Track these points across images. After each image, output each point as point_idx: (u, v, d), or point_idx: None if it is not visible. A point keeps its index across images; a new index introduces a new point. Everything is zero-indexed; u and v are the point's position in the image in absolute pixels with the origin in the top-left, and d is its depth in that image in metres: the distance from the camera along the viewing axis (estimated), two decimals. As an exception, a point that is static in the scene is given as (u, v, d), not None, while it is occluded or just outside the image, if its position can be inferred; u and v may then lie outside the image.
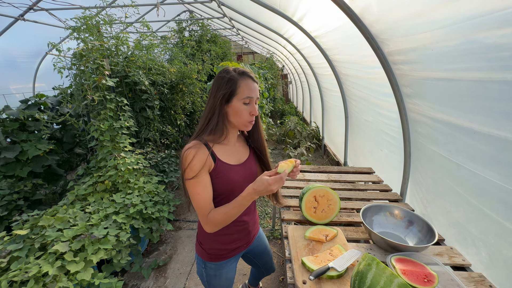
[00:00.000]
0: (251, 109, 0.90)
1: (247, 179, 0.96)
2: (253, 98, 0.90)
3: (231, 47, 7.72)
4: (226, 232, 1.01)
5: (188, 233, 2.65)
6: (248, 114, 0.90)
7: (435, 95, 1.33)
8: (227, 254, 1.05)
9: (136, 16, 4.25)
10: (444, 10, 1.07)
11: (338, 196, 1.42)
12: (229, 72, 0.91)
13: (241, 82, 0.89)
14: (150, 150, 3.14)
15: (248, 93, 0.89)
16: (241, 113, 0.90)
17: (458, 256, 1.17)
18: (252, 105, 0.91)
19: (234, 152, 0.99)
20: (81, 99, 2.29)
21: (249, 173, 1.00)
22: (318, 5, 2.15)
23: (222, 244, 1.03)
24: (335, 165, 3.77)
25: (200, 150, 0.86)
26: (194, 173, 0.85)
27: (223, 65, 2.53)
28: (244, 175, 0.97)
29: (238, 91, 0.89)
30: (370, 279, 0.80)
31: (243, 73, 0.91)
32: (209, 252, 1.03)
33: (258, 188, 0.79)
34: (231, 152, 0.97)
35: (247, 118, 0.91)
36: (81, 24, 2.28)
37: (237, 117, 0.91)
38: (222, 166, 0.92)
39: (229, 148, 0.97)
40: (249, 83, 0.90)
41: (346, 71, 2.66)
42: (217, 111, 0.90)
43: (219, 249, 1.03)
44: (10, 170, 2.17)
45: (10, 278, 1.26)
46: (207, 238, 1.02)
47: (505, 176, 0.99)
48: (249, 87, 0.89)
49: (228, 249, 1.04)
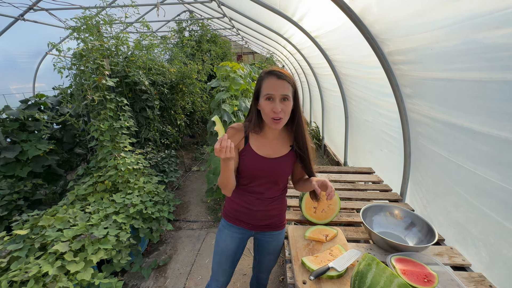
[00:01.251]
0: (273, 105, 0.92)
1: (267, 173, 1.05)
2: (274, 95, 0.91)
3: (231, 47, 7.72)
4: (235, 200, 1.14)
5: (188, 233, 2.65)
6: (270, 111, 0.93)
7: (435, 95, 1.33)
8: (232, 218, 1.18)
9: (136, 16, 4.25)
10: (444, 10, 1.07)
11: (338, 196, 1.42)
12: (261, 73, 0.99)
13: (265, 81, 0.94)
14: (150, 150, 3.14)
15: (268, 90, 0.92)
16: (264, 109, 0.94)
17: (458, 256, 1.17)
18: (274, 102, 0.92)
19: (268, 146, 1.06)
20: (81, 99, 2.29)
21: (273, 169, 1.05)
22: (318, 5, 2.15)
23: (230, 207, 1.18)
24: (335, 165, 3.77)
25: (238, 132, 1.04)
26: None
27: (223, 65, 2.53)
28: (265, 168, 1.04)
29: (262, 89, 0.95)
30: (370, 279, 0.80)
31: (269, 72, 0.95)
32: (224, 210, 1.22)
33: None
34: (264, 145, 1.05)
35: (270, 114, 0.93)
36: (81, 24, 2.28)
37: (263, 114, 0.96)
38: (250, 152, 1.04)
39: (264, 141, 1.06)
40: (271, 80, 0.92)
41: (346, 71, 2.66)
42: (252, 109, 1.03)
43: (228, 209, 1.19)
44: (10, 170, 2.17)
45: (10, 278, 1.26)
46: (227, 198, 1.20)
47: (505, 176, 0.99)
48: (270, 84, 0.92)
49: (233, 215, 1.17)
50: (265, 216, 1.14)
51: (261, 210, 1.12)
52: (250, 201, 1.11)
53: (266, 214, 1.14)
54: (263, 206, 1.11)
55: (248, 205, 1.12)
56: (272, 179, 1.07)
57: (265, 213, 1.13)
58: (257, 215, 1.13)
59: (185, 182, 3.81)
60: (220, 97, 2.40)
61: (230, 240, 1.18)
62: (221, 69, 2.52)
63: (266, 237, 1.20)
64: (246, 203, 1.12)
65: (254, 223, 1.15)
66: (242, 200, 1.12)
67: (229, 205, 1.18)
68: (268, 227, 1.17)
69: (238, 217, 1.16)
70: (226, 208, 1.21)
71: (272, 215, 1.15)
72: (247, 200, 1.11)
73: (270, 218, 1.16)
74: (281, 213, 1.19)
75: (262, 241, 1.22)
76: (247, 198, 1.11)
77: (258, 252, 1.29)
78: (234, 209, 1.16)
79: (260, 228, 1.17)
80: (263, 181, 1.07)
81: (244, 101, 2.71)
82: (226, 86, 2.46)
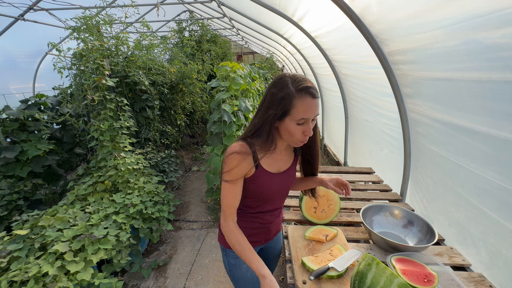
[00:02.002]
0: (305, 129, 0.80)
1: (282, 188, 0.98)
2: (309, 118, 0.79)
3: (231, 47, 7.72)
4: (247, 226, 0.99)
5: (188, 233, 2.65)
6: (301, 134, 0.81)
7: (435, 95, 1.33)
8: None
9: (136, 16, 4.25)
10: (444, 10, 1.07)
11: (338, 196, 1.42)
12: (285, 86, 0.78)
13: (297, 101, 0.77)
14: (150, 150, 3.15)
15: (303, 114, 0.77)
16: (292, 133, 0.81)
17: (458, 256, 1.17)
18: (307, 125, 0.80)
19: (278, 160, 0.95)
20: (81, 99, 2.29)
21: (286, 182, 0.98)
22: (318, 5, 2.15)
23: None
24: (335, 165, 3.77)
25: (246, 160, 0.84)
26: (231, 179, 0.85)
27: (223, 65, 2.53)
28: (280, 184, 0.96)
29: (292, 112, 0.78)
30: (370, 279, 0.80)
31: (302, 89, 0.77)
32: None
33: (264, 282, 0.75)
34: (274, 160, 0.93)
35: (300, 138, 0.82)
36: (81, 24, 2.28)
37: (288, 135, 0.83)
38: (262, 173, 0.90)
39: (274, 156, 0.93)
40: (307, 102, 0.77)
41: (346, 71, 2.66)
42: (268, 126, 0.82)
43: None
44: (10, 170, 2.17)
45: (10, 278, 1.26)
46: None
47: (505, 176, 0.99)
48: (306, 107, 0.77)
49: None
50: (277, 225, 1.12)
51: (275, 222, 1.09)
52: (266, 220, 1.04)
53: (277, 223, 1.12)
54: (276, 217, 1.09)
55: (264, 224, 1.05)
56: (286, 192, 1.03)
57: (277, 222, 1.12)
58: (271, 229, 1.10)
59: (185, 182, 3.81)
60: (220, 97, 2.40)
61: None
62: (221, 69, 2.52)
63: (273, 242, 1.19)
64: (262, 224, 1.04)
65: (268, 236, 1.12)
66: (257, 223, 1.03)
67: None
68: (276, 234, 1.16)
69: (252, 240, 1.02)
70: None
71: (280, 221, 1.15)
72: (263, 221, 1.03)
73: (279, 224, 1.15)
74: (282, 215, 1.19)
75: (269, 248, 1.20)
76: (260, 219, 1.02)
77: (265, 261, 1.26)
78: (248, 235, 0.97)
79: (273, 236, 1.14)
80: (278, 196, 1.00)
81: (244, 101, 2.71)
82: (226, 86, 2.46)
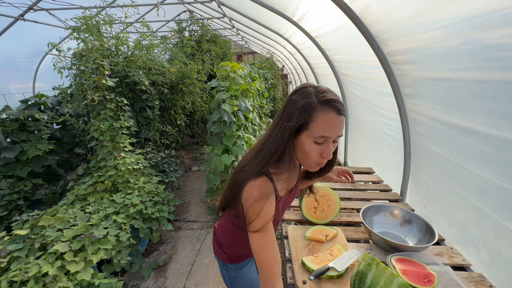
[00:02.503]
0: (324, 149, 0.67)
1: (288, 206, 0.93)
2: (330, 138, 0.66)
3: (231, 47, 7.72)
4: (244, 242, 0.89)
5: (188, 233, 2.66)
6: (317, 156, 0.68)
7: (435, 95, 1.33)
8: (246, 255, 1.01)
9: (136, 16, 4.25)
10: (444, 10, 1.07)
11: (338, 196, 1.42)
12: (307, 95, 0.66)
13: (318, 115, 0.65)
14: (150, 150, 3.15)
15: (324, 132, 0.65)
16: (308, 152, 0.68)
17: (458, 256, 1.17)
18: (327, 145, 0.67)
19: (288, 181, 0.84)
20: (81, 99, 2.29)
21: (292, 198, 0.92)
22: (318, 5, 2.15)
23: (243, 249, 0.96)
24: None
25: (270, 199, 0.70)
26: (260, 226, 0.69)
27: (223, 65, 2.53)
28: (287, 203, 0.90)
29: (310, 126, 0.66)
30: (370, 279, 0.80)
31: (325, 102, 0.65)
32: (229, 254, 0.99)
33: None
34: (285, 182, 0.83)
35: (316, 159, 0.69)
36: (81, 24, 2.28)
37: (303, 155, 0.70)
38: (279, 201, 0.79)
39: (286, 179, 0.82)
40: (329, 117, 0.64)
41: (346, 71, 2.66)
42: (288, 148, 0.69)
43: (239, 252, 0.99)
44: (10, 170, 2.17)
45: (10, 278, 1.26)
46: (228, 242, 0.97)
47: (505, 176, 0.99)
48: (327, 124, 0.65)
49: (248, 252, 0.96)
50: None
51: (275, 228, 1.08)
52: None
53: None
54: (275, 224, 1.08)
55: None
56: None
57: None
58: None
59: (185, 182, 3.81)
60: (220, 97, 2.40)
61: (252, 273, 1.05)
62: (221, 69, 2.52)
63: None
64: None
65: None
66: None
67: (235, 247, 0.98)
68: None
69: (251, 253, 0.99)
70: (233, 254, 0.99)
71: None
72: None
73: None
74: None
75: None
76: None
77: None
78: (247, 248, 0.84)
79: None
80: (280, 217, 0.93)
81: (244, 101, 2.71)
82: (226, 86, 2.46)
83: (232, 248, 0.98)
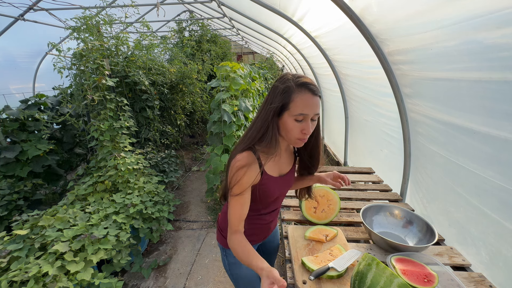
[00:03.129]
0: (304, 126, 0.79)
1: (284, 190, 0.98)
2: (308, 115, 0.78)
3: (231, 47, 7.72)
4: (248, 227, 0.98)
5: (188, 233, 2.65)
6: (299, 132, 0.79)
7: (435, 95, 1.33)
8: None
9: (136, 16, 4.25)
10: (444, 10, 1.07)
11: (338, 196, 1.42)
12: (286, 81, 0.79)
13: (296, 96, 0.77)
14: (150, 150, 3.15)
15: (302, 110, 0.77)
16: (290, 129, 0.80)
17: (458, 256, 1.17)
18: (306, 123, 0.79)
19: (279, 163, 0.94)
20: (81, 99, 2.29)
21: (287, 184, 0.98)
22: (318, 5, 2.15)
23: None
24: (335, 165, 3.77)
25: (251, 168, 0.82)
26: (240, 191, 0.82)
27: (223, 65, 2.53)
28: (281, 187, 0.95)
29: (290, 106, 0.77)
30: (370, 279, 0.80)
31: (302, 84, 0.77)
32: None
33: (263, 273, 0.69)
34: (276, 163, 0.93)
35: (297, 135, 0.80)
36: (81, 24, 2.28)
37: (286, 132, 0.82)
38: (267, 179, 0.89)
39: (276, 159, 0.92)
40: (305, 97, 0.77)
41: (346, 71, 2.66)
42: (271, 126, 0.81)
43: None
44: (10, 170, 2.17)
45: (10, 278, 1.26)
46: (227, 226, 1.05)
47: (505, 176, 0.99)
48: (304, 103, 0.77)
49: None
50: (275, 222, 1.14)
51: (274, 221, 1.11)
52: (266, 220, 1.06)
53: (276, 221, 1.14)
54: (275, 216, 1.11)
55: (265, 224, 1.07)
56: (286, 193, 1.03)
57: (275, 220, 1.13)
58: (271, 227, 1.12)
59: (185, 182, 3.81)
60: (220, 97, 2.40)
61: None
62: (221, 69, 2.52)
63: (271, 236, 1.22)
64: (262, 224, 1.06)
65: (267, 233, 1.14)
66: (258, 224, 1.05)
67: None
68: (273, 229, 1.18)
69: (252, 239, 1.06)
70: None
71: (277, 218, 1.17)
72: (263, 221, 1.05)
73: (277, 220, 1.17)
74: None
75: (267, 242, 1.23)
76: (263, 220, 1.05)
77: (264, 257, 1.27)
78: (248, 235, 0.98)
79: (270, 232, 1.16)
80: (280, 197, 1.01)
81: (244, 101, 2.71)
82: (226, 86, 2.46)
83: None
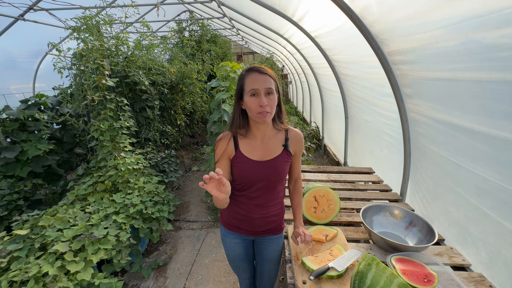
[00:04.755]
0: (259, 100, 0.91)
1: (264, 177, 1.03)
2: (258, 89, 0.91)
3: (231, 47, 7.71)
4: (231, 209, 1.12)
5: (188, 233, 2.65)
6: (257, 106, 0.91)
7: (435, 95, 1.33)
8: (231, 226, 1.16)
9: (136, 16, 4.25)
10: (444, 10, 1.07)
11: (338, 196, 1.42)
12: (241, 72, 0.99)
13: (247, 78, 0.94)
14: (150, 150, 3.14)
15: (252, 86, 0.91)
16: (250, 106, 0.93)
17: (458, 256, 1.17)
18: (260, 97, 0.91)
19: (259, 148, 1.03)
20: (81, 99, 2.29)
21: (269, 172, 1.02)
22: (318, 5, 2.15)
23: (228, 215, 1.15)
24: (335, 165, 3.77)
25: (223, 139, 1.01)
26: (216, 159, 1.02)
27: (223, 65, 2.53)
28: (261, 173, 1.02)
29: (245, 87, 0.94)
30: (370, 279, 0.80)
31: (250, 69, 0.95)
32: (223, 217, 1.19)
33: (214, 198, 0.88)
34: (255, 148, 1.02)
35: (257, 109, 0.92)
36: (81, 24, 2.28)
37: (249, 111, 0.95)
38: (241, 158, 1.01)
39: (254, 144, 1.03)
40: (254, 76, 0.92)
41: (346, 71, 2.66)
42: (236, 109, 1.01)
43: (226, 217, 1.16)
44: (10, 170, 2.17)
45: (10, 278, 1.26)
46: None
47: (505, 176, 0.99)
48: (253, 80, 0.92)
49: (232, 223, 1.15)
50: (264, 222, 1.12)
51: (261, 217, 1.10)
52: (249, 209, 1.08)
53: (265, 220, 1.12)
54: (262, 212, 1.09)
55: (247, 213, 1.09)
56: (267, 183, 1.04)
57: (264, 219, 1.11)
58: (256, 222, 1.11)
59: (185, 182, 3.81)
60: (220, 97, 2.40)
61: (236, 246, 1.19)
62: (221, 69, 2.52)
63: (265, 241, 1.18)
64: (245, 211, 1.09)
65: (254, 229, 1.13)
66: (240, 208, 1.09)
67: (227, 213, 1.15)
68: (267, 232, 1.16)
69: (237, 225, 1.14)
70: (224, 215, 1.18)
71: (271, 221, 1.13)
72: (246, 208, 1.08)
73: (270, 223, 1.14)
74: (280, 217, 1.17)
75: (261, 246, 1.20)
76: (245, 206, 1.08)
77: (258, 260, 1.27)
78: (233, 217, 1.13)
79: (259, 233, 1.16)
80: (259, 185, 1.04)
81: (244, 101, 2.71)
82: (226, 86, 2.46)
83: (223, 210, 1.17)
